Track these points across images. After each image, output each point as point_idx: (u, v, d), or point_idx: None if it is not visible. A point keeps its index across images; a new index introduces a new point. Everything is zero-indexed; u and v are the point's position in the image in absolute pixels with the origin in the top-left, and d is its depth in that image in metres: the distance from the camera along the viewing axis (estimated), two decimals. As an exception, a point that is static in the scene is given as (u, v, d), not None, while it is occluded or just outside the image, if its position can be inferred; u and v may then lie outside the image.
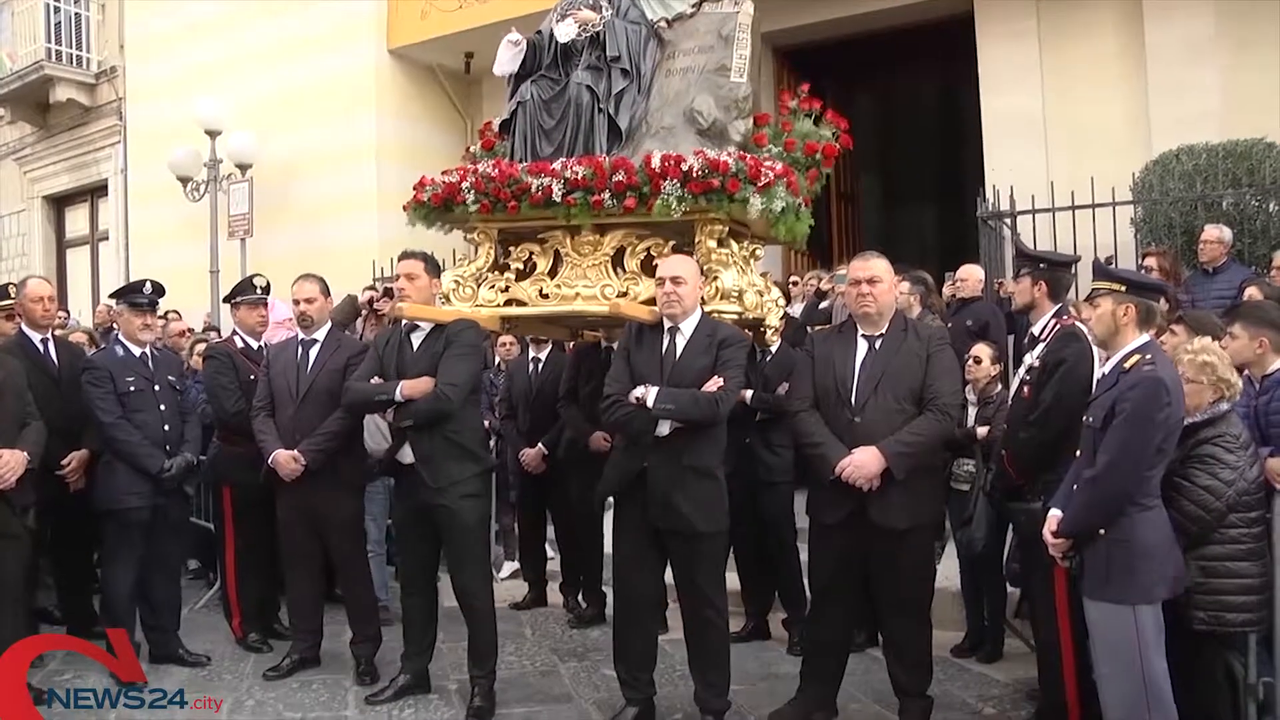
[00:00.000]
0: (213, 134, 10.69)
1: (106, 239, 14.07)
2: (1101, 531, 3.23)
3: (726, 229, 4.51)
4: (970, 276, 6.68)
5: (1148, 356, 3.27)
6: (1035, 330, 4.05)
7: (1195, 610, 3.37)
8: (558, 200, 4.49)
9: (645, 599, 4.08)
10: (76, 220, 15.08)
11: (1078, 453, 3.44)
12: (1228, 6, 8.03)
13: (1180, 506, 3.34)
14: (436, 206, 4.87)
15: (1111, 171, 7.35)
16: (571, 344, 5.91)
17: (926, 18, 9.43)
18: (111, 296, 5.12)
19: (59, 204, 15.16)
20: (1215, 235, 6.44)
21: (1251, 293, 5.46)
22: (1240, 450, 3.43)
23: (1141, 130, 8.15)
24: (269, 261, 10.20)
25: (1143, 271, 6.40)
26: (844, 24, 9.43)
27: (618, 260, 4.67)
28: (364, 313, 6.29)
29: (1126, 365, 3.28)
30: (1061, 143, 8.56)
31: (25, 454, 4.32)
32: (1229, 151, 7.17)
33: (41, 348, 5.15)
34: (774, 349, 5.06)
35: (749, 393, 4.95)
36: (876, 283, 3.85)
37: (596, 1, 5.05)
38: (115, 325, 5.34)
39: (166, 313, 7.97)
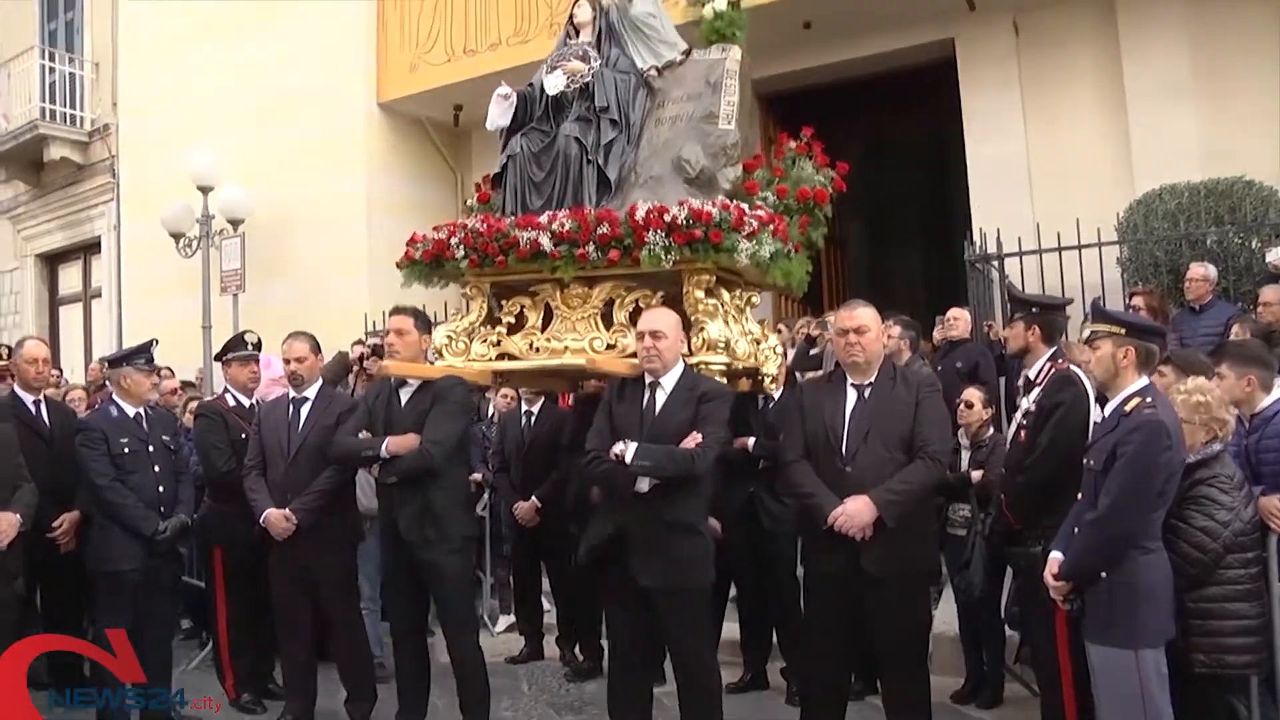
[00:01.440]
0: (205, 189, 10.72)
1: (99, 296, 14.07)
2: (1103, 574, 3.23)
3: (714, 278, 4.50)
4: (959, 319, 6.72)
5: (1148, 399, 3.28)
6: (1030, 374, 4.07)
7: (1195, 653, 3.35)
8: (545, 253, 4.50)
9: (637, 652, 4.04)
10: (70, 277, 15.09)
11: (1079, 495, 3.45)
12: (1201, 49, 8.17)
13: (1178, 548, 3.34)
14: (428, 262, 4.88)
15: (1096, 212, 7.44)
16: (570, 395, 5.91)
17: (909, 63, 9.56)
18: (116, 363, 5.08)
19: (52, 261, 15.18)
20: (1200, 273, 6.49)
21: (1237, 330, 5.50)
22: (1235, 490, 3.44)
23: (1124, 171, 8.25)
24: (261, 316, 10.21)
25: (1130, 311, 6.45)
26: (828, 70, 9.59)
27: (607, 312, 4.67)
28: (355, 369, 6.29)
29: (1127, 408, 3.30)
30: (1046, 185, 8.64)
31: (17, 517, 4.30)
32: (1210, 190, 7.25)
33: (34, 409, 5.16)
34: (777, 396, 5.04)
35: (751, 440, 4.96)
36: (864, 332, 3.86)
37: (585, 52, 5.07)
38: (109, 383, 5.32)
39: (159, 369, 7.96)
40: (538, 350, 4.72)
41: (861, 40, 9.19)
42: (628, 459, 3.78)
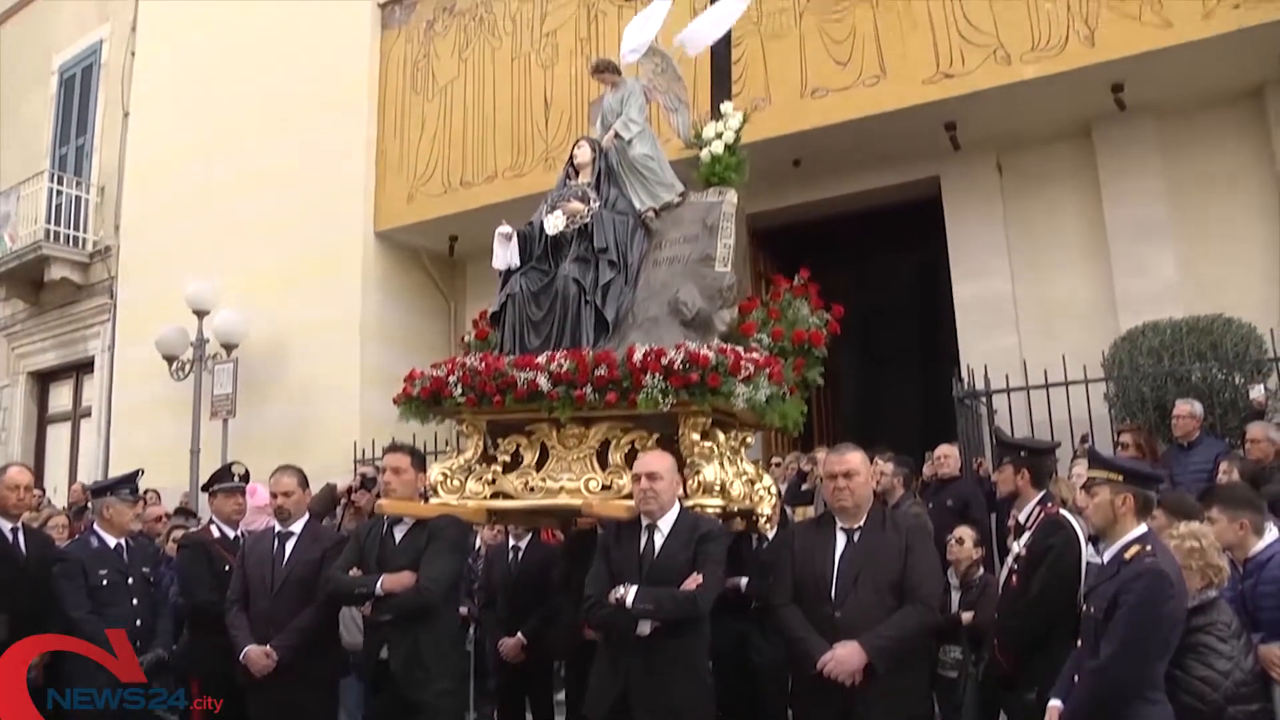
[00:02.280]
0: (200, 313, 10.82)
1: (89, 415, 14.03)
2: (1105, 725, 3.16)
3: (710, 420, 4.54)
4: (950, 456, 6.74)
5: (1148, 547, 3.29)
6: (1020, 517, 4.11)
7: (1203, 809, 3.25)
8: (543, 393, 4.52)
9: None
10: (60, 396, 15.06)
11: (1078, 642, 3.43)
12: (1177, 191, 8.40)
13: (1177, 699, 3.28)
14: (425, 400, 4.90)
15: (1082, 348, 7.56)
16: (560, 531, 5.84)
17: (897, 200, 9.76)
18: (100, 492, 5.06)
19: (43, 380, 15.18)
20: (1186, 410, 6.53)
21: (1225, 468, 5.52)
22: (1233, 639, 3.41)
23: (1108, 307, 8.38)
24: (250, 439, 10.21)
25: (1119, 449, 6.48)
26: (817, 206, 9.78)
27: (603, 452, 4.68)
28: (343, 502, 6.24)
29: (1127, 555, 3.30)
30: (1032, 321, 8.77)
31: (-14, 650, 4.20)
32: (1191, 327, 7.34)
33: (10, 536, 5.07)
34: (771, 535, 4.99)
35: (744, 580, 4.91)
36: (853, 476, 3.89)
37: (585, 193, 5.18)
38: (91, 508, 5.27)
39: (145, 492, 7.88)
40: (532, 489, 4.72)
41: (849, 177, 9.41)
42: (629, 602, 3.78)
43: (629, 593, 3.79)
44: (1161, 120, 8.44)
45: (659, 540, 3.97)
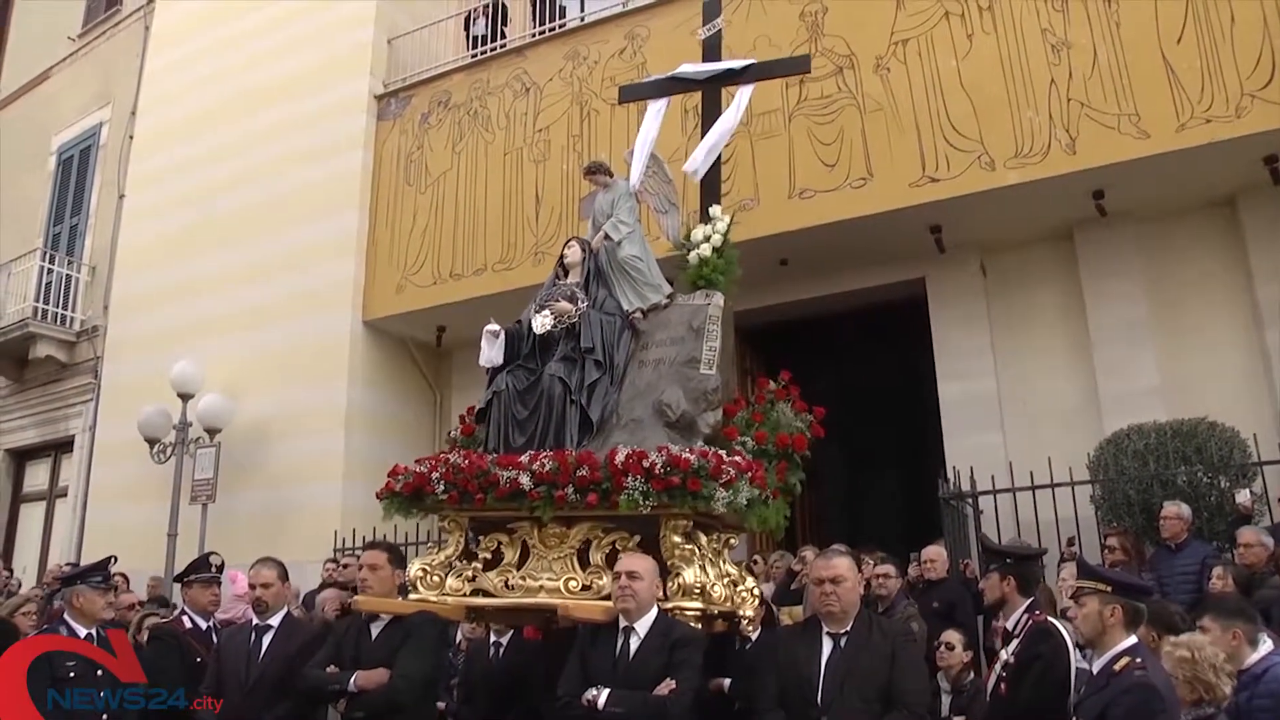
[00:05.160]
0: (185, 396, 10.75)
1: (65, 495, 13.83)
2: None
3: (691, 523, 4.53)
4: (937, 559, 6.70)
5: (1137, 660, 3.26)
6: (1008, 625, 4.07)
7: None
8: (525, 493, 4.52)
9: None
10: (37, 474, 14.88)
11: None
12: (1158, 295, 8.51)
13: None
14: (408, 495, 4.89)
15: (1067, 449, 7.55)
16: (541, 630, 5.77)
17: (882, 299, 9.84)
18: (70, 580, 4.96)
19: (21, 457, 15.01)
20: (1174, 512, 6.52)
21: (1219, 573, 5.49)
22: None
23: (1092, 409, 8.40)
24: (229, 525, 10.06)
25: (1105, 552, 6.45)
26: (804, 305, 9.85)
27: (584, 552, 4.66)
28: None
29: (1116, 667, 3.27)
30: (1017, 423, 8.78)
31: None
32: (1175, 430, 7.36)
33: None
34: (754, 637, 4.94)
35: (727, 682, 4.83)
36: (840, 582, 3.89)
37: (573, 292, 5.24)
38: (63, 598, 5.14)
39: (116, 581, 7.70)
40: (512, 588, 4.70)
41: (836, 277, 9.50)
42: (600, 704, 3.75)
43: (601, 695, 3.78)
44: (1141, 226, 8.58)
45: (634, 644, 3.97)
